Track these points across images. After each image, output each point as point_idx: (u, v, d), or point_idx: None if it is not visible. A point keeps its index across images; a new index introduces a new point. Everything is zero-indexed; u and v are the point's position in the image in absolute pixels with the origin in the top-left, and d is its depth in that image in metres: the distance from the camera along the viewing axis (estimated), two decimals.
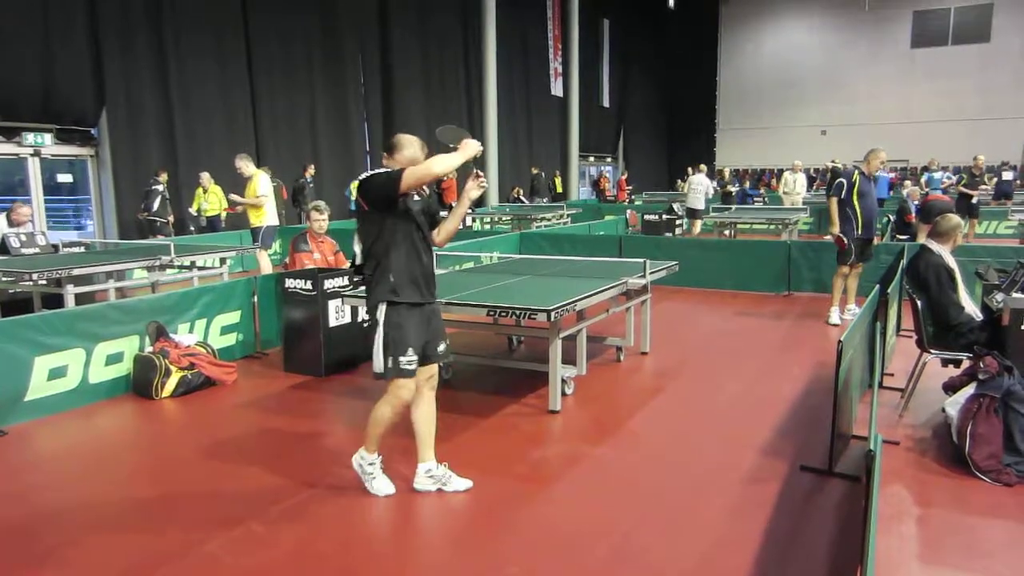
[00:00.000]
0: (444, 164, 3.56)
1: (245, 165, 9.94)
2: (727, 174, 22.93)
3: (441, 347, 3.94)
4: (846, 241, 7.85)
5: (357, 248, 3.75)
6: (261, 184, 9.92)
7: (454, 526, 3.62)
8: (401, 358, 3.65)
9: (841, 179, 7.88)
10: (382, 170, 3.67)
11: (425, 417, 3.97)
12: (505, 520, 3.68)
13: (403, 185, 3.51)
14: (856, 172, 7.92)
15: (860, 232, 7.84)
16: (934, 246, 5.20)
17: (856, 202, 7.79)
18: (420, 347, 3.75)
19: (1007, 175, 18.04)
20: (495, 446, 4.66)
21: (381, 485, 3.95)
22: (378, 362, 3.68)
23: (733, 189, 21.28)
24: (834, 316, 8.12)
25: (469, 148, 3.64)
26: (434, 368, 3.98)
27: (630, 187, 27.09)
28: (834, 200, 7.87)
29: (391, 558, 3.31)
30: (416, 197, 3.76)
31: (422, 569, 3.23)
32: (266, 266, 10.09)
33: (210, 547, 3.41)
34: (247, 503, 3.91)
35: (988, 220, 16.88)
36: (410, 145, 3.77)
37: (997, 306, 4.83)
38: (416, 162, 3.67)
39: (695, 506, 3.80)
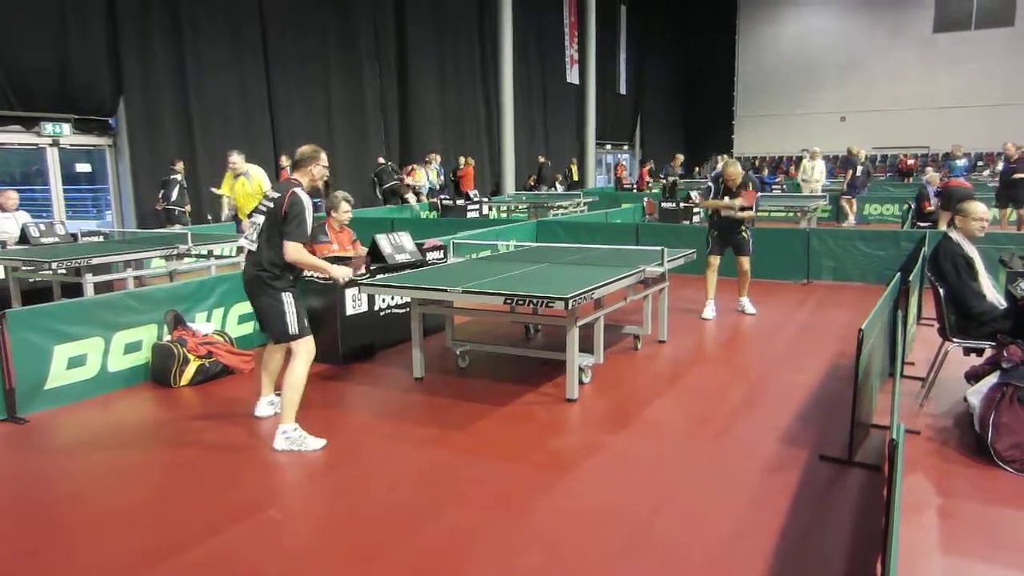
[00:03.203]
0: (312, 263, 4.54)
1: (241, 161, 9.73)
2: (679, 162, 20.18)
3: None
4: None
5: (255, 236, 4.44)
6: (266, 180, 9.85)
7: (474, 514, 3.61)
8: (304, 320, 4.52)
9: (709, 183, 7.92)
10: (305, 200, 4.39)
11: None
12: (524, 508, 3.67)
13: (303, 255, 4.40)
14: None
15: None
16: (953, 234, 5.11)
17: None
18: None
19: (1000, 166, 17.78)
20: (512, 434, 4.65)
21: (314, 442, 4.47)
22: (293, 326, 4.46)
23: (672, 179, 18.26)
24: (706, 310, 7.87)
25: (336, 271, 4.70)
26: None
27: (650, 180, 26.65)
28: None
29: (410, 544, 3.31)
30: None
31: (441, 556, 3.23)
32: None
33: (229, 534, 3.43)
34: (265, 490, 3.93)
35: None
36: (320, 161, 4.56)
37: (1021, 294, 4.75)
38: (316, 174, 4.55)
39: (714, 495, 3.78)
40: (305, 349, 4.51)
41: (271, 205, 4.41)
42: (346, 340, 6.26)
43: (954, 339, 4.91)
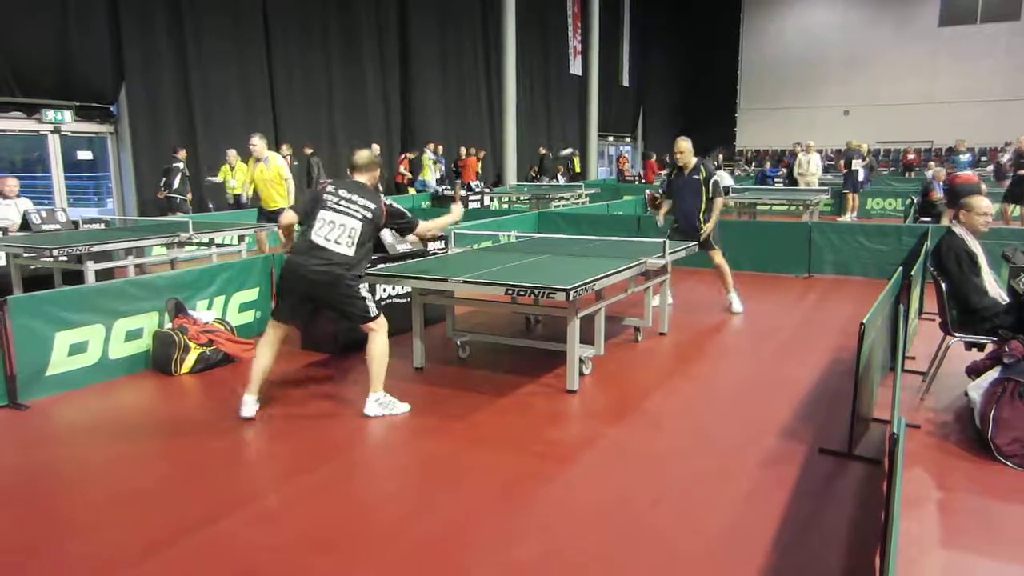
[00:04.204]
0: (430, 226, 5.23)
1: (263, 146, 9.63)
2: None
3: None
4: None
5: (342, 236, 4.69)
6: (284, 167, 9.83)
7: (473, 504, 3.62)
8: (376, 298, 5.06)
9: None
10: (396, 204, 5.00)
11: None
12: (522, 498, 3.68)
13: (419, 228, 5.10)
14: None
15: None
16: (958, 229, 5.10)
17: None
18: None
19: (1005, 157, 17.70)
20: (512, 425, 4.65)
21: (401, 406, 4.86)
22: (373, 309, 4.81)
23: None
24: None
25: (455, 214, 5.44)
26: None
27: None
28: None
29: (407, 536, 3.32)
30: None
31: (439, 547, 3.24)
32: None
33: (227, 523, 3.44)
34: (263, 479, 3.94)
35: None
36: (378, 165, 5.17)
37: (1023, 289, 4.74)
38: (376, 178, 5.10)
39: (713, 487, 3.78)
40: (383, 325, 4.87)
41: (367, 214, 4.74)
42: (345, 330, 6.24)
43: (955, 334, 4.91)
